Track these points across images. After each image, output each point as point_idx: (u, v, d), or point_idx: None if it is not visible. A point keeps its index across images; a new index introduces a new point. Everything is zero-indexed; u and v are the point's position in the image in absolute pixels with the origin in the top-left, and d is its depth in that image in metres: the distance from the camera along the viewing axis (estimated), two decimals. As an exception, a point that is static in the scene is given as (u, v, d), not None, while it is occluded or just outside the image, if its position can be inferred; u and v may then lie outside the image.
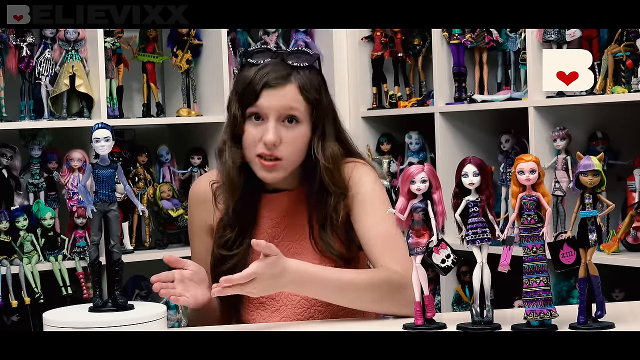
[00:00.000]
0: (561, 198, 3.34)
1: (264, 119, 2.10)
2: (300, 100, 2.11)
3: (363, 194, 2.14)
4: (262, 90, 2.09)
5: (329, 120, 2.17)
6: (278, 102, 2.09)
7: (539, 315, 1.76)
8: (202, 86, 3.83)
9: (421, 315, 1.83)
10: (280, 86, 2.09)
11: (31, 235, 3.40)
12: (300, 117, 2.11)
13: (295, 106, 2.10)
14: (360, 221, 2.13)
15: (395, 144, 4.01)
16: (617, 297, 3.34)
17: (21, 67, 3.49)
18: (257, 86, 2.09)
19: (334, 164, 2.13)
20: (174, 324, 3.63)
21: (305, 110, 2.11)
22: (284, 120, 2.10)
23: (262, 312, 2.19)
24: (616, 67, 3.18)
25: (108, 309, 1.98)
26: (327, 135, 2.15)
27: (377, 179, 2.20)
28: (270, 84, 2.09)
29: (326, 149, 2.13)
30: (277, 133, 2.08)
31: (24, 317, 3.47)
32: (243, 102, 2.11)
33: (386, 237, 2.05)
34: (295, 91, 2.10)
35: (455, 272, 3.67)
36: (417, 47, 3.98)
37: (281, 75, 2.10)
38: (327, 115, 2.16)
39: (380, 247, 2.07)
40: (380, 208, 2.07)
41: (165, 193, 3.73)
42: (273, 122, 2.08)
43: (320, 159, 2.12)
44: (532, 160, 1.76)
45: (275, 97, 2.09)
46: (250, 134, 2.11)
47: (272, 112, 2.09)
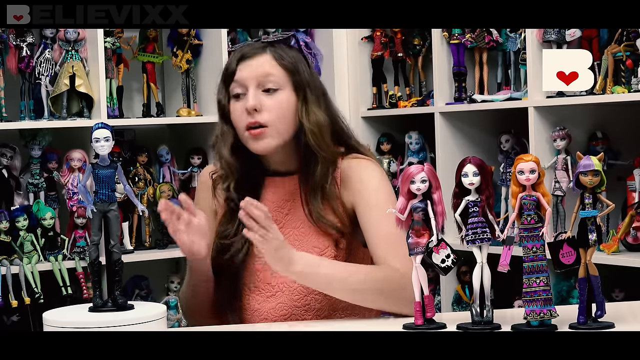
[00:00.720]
0: (561, 198, 3.34)
1: (245, 92, 2.16)
2: (275, 66, 2.17)
3: (368, 191, 2.15)
4: (239, 63, 2.18)
5: (312, 90, 2.20)
6: (254, 71, 2.16)
7: (539, 315, 1.76)
8: (202, 86, 3.83)
9: (421, 315, 1.83)
10: (255, 56, 2.18)
11: (31, 235, 3.40)
12: (278, 83, 2.16)
13: (271, 72, 2.17)
14: (366, 219, 2.14)
15: (395, 144, 4.01)
16: (617, 297, 3.34)
17: (21, 67, 3.49)
18: (233, 63, 2.19)
19: (318, 129, 2.16)
20: (174, 324, 3.63)
21: (283, 76, 2.17)
22: (264, 91, 2.16)
23: (257, 297, 2.19)
24: (616, 67, 3.18)
25: (108, 309, 1.98)
26: (310, 101, 2.19)
27: (383, 175, 2.22)
28: (245, 55, 2.18)
29: (310, 114, 2.17)
30: (256, 98, 2.14)
31: (24, 317, 3.47)
32: (225, 83, 2.19)
33: (390, 235, 2.04)
34: (270, 59, 2.18)
35: (455, 272, 3.67)
36: (417, 47, 3.98)
37: (255, 47, 2.20)
38: (308, 84, 2.20)
39: (384, 246, 2.08)
40: (385, 205, 2.08)
41: (165, 193, 3.73)
42: (252, 90, 2.15)
43: (304, 123, 2.16)
44: (532, 160, 1.76)
45: (250, 67, 2.17)
46: (235, 111, 2.17)
47: (250, 82, 2.16)
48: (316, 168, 2.15)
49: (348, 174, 2.18)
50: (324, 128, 2.17)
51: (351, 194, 2.17)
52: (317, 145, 2.15)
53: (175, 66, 3.79)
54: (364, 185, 2.16)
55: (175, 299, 3.70)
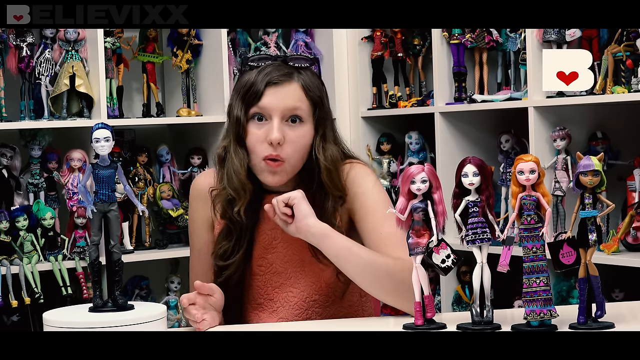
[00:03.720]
0: (561, 198, 3.34)
1: (267, 119, 2.10)
2: (303, 99, 2.11)
3: (365, 195, 2.14)
4: (266, 88, 2.09)
5: (329, 123, 2.17)
6: (282, 101, 2.09)
7: (539, 315, 1.76)
8: (202, 86, 3.83)
9: (421, 315, 1.83)
10: (284, 83, 2.10)
11: (31, 235, 3.40)
12: (303, 117, 2.11)
13: (298, 105, 2.10)
14: (365, 221, 2.13)
15: (395, 144, 4.01)
16: (617, 297, 3.34)
17: (21, 67, 3.49)
18: (260, 85, 2.09)
19: (334, 166, 2.13)
20: (174, 324, 3.64)
21: (308, 110, 2.12)
22: (287, 120, 2.10)
23: (260, 313, 2.19)
24: (616, 67, 3.18)
25: (108, 309, 1.98)
26: (328, 137, 2.15)
27: (377, 179, 2.21)
28: (273, 81, 2.09)
29: (327, 150, 2.13)
30: (281, 131, 2.08)
31: (24, 317, 3.47)
32: (246, 102, 2.10)
33: (391, 236, 2.04)
34: (299, 90, 2.11)
35: (455, 272, 3.67)
36: (417, 47, 3.98)
37: (284, 73, 2.11)
38: (328, 117, 2.16)
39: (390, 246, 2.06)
40: (382, 208, 2.07)
41: (165, 193, 3.73)
42: (277, 121, 2.08)
43: (320, 160, 2.12)
44: (532, 161, 1.76)
45: (279, 95, 2.09)
46: (253, 135, 2.10)
47: (276, 112, 2.09)
48: (327, 204, 2.12)
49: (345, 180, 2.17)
50: (338, 164, 2.15)
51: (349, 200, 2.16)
52: (331, 183, 2.12)
53: (175, 66, 3.79)
54: (358, 188, 2.15)
55: (175, 299, 3.70)
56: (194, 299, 2.03)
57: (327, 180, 2.12)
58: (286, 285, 2.17)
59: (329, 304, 2.18)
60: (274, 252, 2.18)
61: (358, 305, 2.24)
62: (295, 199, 2.00)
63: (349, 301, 2.22)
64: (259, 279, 2.19)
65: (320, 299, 2.17)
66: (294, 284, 2.17)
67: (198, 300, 2.04)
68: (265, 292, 2.19)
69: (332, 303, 2.19)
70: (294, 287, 2.17)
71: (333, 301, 2.19)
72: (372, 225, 2.11)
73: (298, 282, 2.17)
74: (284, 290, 2.17)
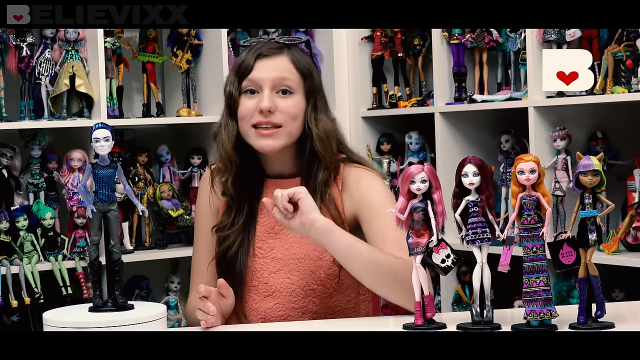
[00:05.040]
0: (561, 198, 3.34)
1: (258, 91, 2.18)
2: (292, 70, 2.20)
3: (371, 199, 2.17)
4: (256, 61, 2.19)
5: (321, 97, 2.23)
6: (272, 72, 2.18)
7: (539, 315, 1.76)
8: (202, 86, 3.83)
9: (421, 315, 1.83)
10: (273, 56, 2.20)
11: (31, 235, 3.40)
12: (293, 87, 2.18)
13: (287, 76, 2.19)
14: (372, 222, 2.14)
15: (395, 144, 4.01)
16: (617, 297, 3.34)
17: (21, 67, 3.49)
18: (250, 59, 2.19)
19: (326, 135, 2.19)
20: (174, 324, 3.63)
21: (298, 81, 2.19)
22: (278, 92, 2.18)
23: (255, 296, 2.21)
24: (616, 67, 3.18)
25: (108, 309, 1.98)
26: (320, 108, 2.21)
27: (386, 186, 2.25)
28: (263, 53, 2.19)
29: (320, 121, 2.20)
30: (270, 100, 2.16)
31: (24, 317, 3.47)
32: (238, 76, 2.20)
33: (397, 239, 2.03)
34: (288, 62, 2.20)
35: (455, 272, 3.67)
36: (417, 47, 3.98)
37: (274, 46, 2.21)
38: (319, 91, 2.23)
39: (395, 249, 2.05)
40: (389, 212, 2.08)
41: (165, 193, 3.73)
42: (267, 91, 2.17)
43: (313, 129, 2.18)
44: (532, 160, 1.76)
45: (268, 67, 2.18)
46: (245, 106, 2.19)
47: (266, 83, 2.17)
48: (319, 173, 2.18)
49: (350, 181, 2.21)
50: (330, 135, 2.21)
51: (353, 202, 2.18)
52: (324, 151, 2.18)
53: (175, 66, 3.79)
54: (368, 194, 2.18)
55: (175, 299, 3.70)
56: (209, 293, 2.05)
57: (321, 149, 2.18)
58: (283, 271, 2.20)
59: (327, 296, 2.20)
60: (275, 238, 2.22)
61: (355, 301, 2.25)
62: (300, 194, 2.01)
63: (347, 296, 2.24)
64: (257, 261, 2.22)
65: (318, 289, 2.19)
66: (293, 271, 2.20)
67: (212, 296, 2.06)
68: (261, 275, 2.21)
69: (329, 295, 2.21)
70: (293, 274, 2.19)
71: (331, 293, 2.21)
72: (377, 227, 2.13)
73: (297, 270, 2.19)
74: (280, 276, 2.19)
